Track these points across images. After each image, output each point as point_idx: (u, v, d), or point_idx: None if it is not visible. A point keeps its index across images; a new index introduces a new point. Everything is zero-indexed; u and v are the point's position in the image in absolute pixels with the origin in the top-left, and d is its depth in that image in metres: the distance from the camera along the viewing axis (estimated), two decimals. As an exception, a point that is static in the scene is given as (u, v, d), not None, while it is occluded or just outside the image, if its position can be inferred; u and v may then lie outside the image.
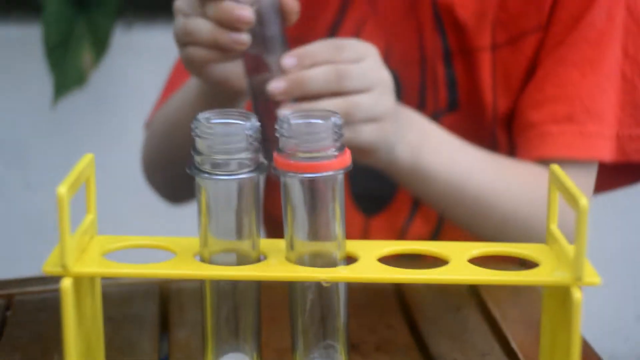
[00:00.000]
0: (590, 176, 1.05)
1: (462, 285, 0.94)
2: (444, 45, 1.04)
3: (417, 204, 1.09)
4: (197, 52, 0.89)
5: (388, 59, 1.03)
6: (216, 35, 0.87)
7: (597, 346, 0.85)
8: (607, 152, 1.03)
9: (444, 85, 1.05)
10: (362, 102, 0.88)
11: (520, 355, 0.82)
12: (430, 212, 1.07)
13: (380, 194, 1.09)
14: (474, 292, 0.94)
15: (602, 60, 1.03)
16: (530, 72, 1.05)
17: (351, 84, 0.87)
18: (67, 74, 1.81)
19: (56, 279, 0.94)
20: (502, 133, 1.07)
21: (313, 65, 0.87)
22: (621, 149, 1.05)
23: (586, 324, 0.89)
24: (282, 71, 0.87)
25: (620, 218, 2.10)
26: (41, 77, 1.90)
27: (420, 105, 1.05)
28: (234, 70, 0.90)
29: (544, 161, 1.02)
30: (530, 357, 0.82)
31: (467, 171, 0.99)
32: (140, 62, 1.97)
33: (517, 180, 1.01)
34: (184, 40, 0.90)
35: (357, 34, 1.06)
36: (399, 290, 0.94)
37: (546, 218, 0.72)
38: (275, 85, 0.87)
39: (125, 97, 1.99)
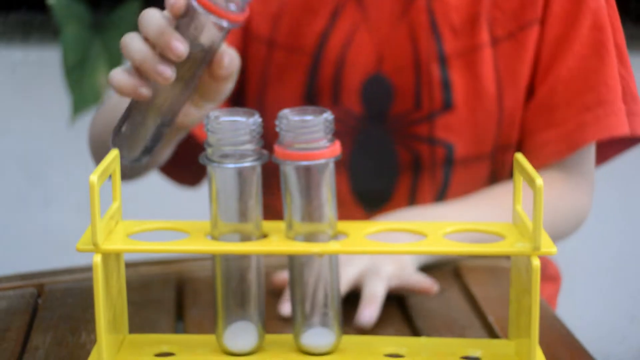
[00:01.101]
0: (593, 156, 1.13)
1: (447, 269, 1.03)
2: (438, 48, 1.08)
3: (413, 200, 1.13)
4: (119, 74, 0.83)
5: (380, 65, 1.09)
6: (147, 58, 0.81)
7: (593, 349, 0.90)
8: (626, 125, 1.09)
9: (439, 87, 1.09)
10: None
11: (495, 328, 0.92)
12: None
13: (380, 190, 1.13)
14: (457, 275, 1.03)
15: (609, 40, 1.08)
16: (536, 66, 1.09)
17: None
18: (84, 93, 1.88)
19: (81, 268, 1.04)
20: (511, 129, 1.10)
21: None
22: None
23: (582, 326, 0.94)
24: None
25: (614, 224, 2.18)
26: (59, 97, 1.98)
27: (416, 106, 1.09)
28: None
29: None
30: (504, 329, 0.90)
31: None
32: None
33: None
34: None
35: (348, 40, 1.10)
36: (389, 275, 1.03)
37: (513, 203, 0.81)
38: None
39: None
